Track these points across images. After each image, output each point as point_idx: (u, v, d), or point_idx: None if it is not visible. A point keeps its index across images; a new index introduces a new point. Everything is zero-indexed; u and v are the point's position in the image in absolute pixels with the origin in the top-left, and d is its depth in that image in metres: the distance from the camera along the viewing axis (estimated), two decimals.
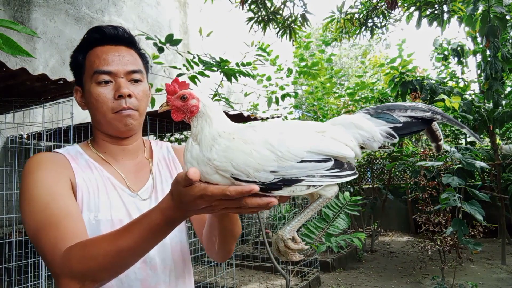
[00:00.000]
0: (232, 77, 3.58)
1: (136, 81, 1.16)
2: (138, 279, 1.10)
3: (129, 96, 1.12)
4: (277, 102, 5.95)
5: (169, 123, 3.70)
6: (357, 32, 6.23)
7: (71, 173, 1.11)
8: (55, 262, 0.93)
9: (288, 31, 5.33)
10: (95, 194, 1.11)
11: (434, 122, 0.86)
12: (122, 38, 1.18)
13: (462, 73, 8.51)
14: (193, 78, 3.70)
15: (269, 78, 6.18)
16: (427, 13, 5.17)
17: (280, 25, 5.33)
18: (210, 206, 0.80)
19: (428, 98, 6.10)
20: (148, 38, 3.35)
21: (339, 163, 0.80)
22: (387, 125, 0.84)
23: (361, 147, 0.85)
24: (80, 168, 1.13)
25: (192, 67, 3.62)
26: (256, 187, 0.74)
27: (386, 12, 5.80)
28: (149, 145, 1.34)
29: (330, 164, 0.78)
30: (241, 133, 0.81)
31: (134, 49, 1.20)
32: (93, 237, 0.96)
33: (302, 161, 0.76)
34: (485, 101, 5.70)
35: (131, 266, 0.94)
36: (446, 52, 8.04)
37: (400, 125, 0.84)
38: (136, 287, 1.09)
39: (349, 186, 7.92)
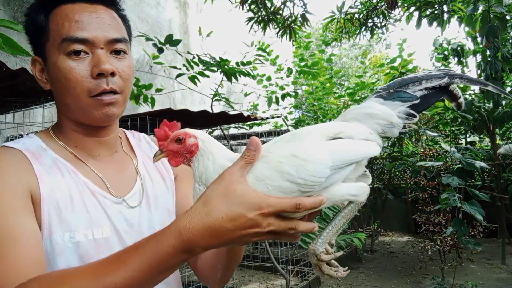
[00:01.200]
0: (232, 77, 3.58)
1: (119, 53, 0.88)
2: None
3: (112, 74, 0.84)
4: (277, 102, 5.95)
5: None
6: (357, 32, 6.23)
7: (32, 180, 0.80)
8: None
9: (288, 31, 5.33)
10: (67, 207, 0.82)
11: (456, 89, 0.79)
12: None
13: (462, 73, 8.51)
14: (193, 78, 3.70)
15: (269, 78, 6.19)
16: (427, 13, 5.17)
17: (280, 25, 5.33)
18: (260, 227, 0.63)
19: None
20: (147, 39, 3.35)
21: None
22: (404, 105, 0.76)
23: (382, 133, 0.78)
24: (45, 171, 0.83)
25: (192, 67, 3.62)
26: (325, 198, 0.67)
27: (386, 12, 5.80)
28: (125, 137, 1.06)
29: (355, 164, 0.72)
30: (251, 169, 0.70)
31: (114, 10, 0.91)
32: (66, 269, 0.71)
33: (328, 177, 0.68)
34: (485, 101, 5.70)
35: None
36: (446, 52, 8.03)
37: (418, 101, 0.76)
38: None
39: None
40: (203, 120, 3.97)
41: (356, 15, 6.05)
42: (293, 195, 0.66)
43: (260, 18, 5.19)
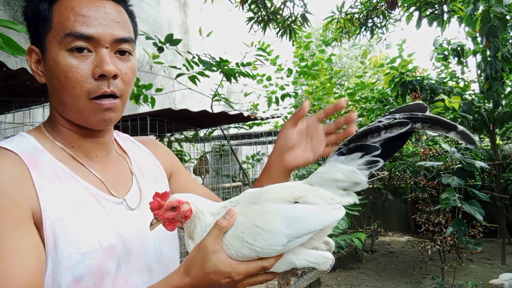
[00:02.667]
0: (232, 77, 3.58)
1: (124, 53, 0.82)
2: None
3: (114, 76, 0.79)
4: (277, 102, 5.95)
5: (169, 123, 3.70)
6: (357, 32, 6.22)
7: (31, 195, 0.73)
8: None
9: (288, 31, 5.33)
10: (70, 218, 0.77)
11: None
12: None
13: (462, 73, 8.51)
14: (193, 78, 3.70)
15: (269, 78, 6.19)
16: (427, 13, 5.17)
17: (280, 25, 5.32)
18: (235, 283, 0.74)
19: (428, 98, 6.10)
20: (148, 38, 3.36)
21: None
22: (364, 156, 0.76)
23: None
24: (45, 180, 0.76)
25: (192, 67, 3.62)
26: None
27: (386, 12, 5.80)
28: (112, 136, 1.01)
29: (311, 235, 0.76)
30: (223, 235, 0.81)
31: (123, 5, 0.85)
32: None
33: (284, 245, 0.74)
34: (485, 101, 5.70)
35: None
36: (446, 52, 8.03)
37: (379, 151, 0.75)
38: None
39: None
40: (203, 120, 3.97)
41: (356, 15, 6.05)
42: (254, 258, 0.75)
43: (260, 18, 5.19)
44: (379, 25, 6.01)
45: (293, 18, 5.25)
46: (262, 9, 5.11)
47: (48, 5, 0.78)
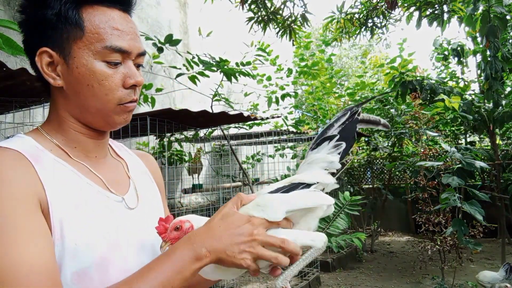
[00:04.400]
0: (232, 77, 3.58)
1: (139, 66, 0.89)
2: None
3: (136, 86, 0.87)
4: (277, 102, 5.95)
5: (169, 123, 3.70)
6: (357, 32, 6.23)
7: (38, 186, 0.75)
8: None
9: (288, 31, 5.33)
10: (77, 210, 0.80)
11: (361, 115, 0.95)
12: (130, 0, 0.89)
13: (462, 73, 8.52)
14: (193, 78, 3.70)
15: (269, 78, 6.19)
16: (427, 13, 5.17)
17: (280, 25, 5.33)
18: (248, 234, 0.77)
19: (428, 98, 6.10)
20: (147, 38, 3.35)
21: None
22: (329, 143, 0.93)
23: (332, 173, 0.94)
24: (49, 174, 0.79)
25: (192, 67, 3.62)
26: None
27: (386, 12, 5.80)
28: None
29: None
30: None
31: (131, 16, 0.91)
32: None
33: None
34: (485, 101, 5.70)
35: None
36: (446, 52, 8.03)
37: (338, 135, 0.93)
38: None
39: (349, 186, 7.92)
40: (203, 120, 3.97)
41: (356, 15, 6.05)
42: None
43: (260, 18, 5.19)
44: (379, 25, 6.01)
45: (293, 18, 5.25)
46: (262, 9, 5.11)
47: (77, 12, 0.80)
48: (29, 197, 0.72)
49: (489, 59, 4.93)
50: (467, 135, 7.92)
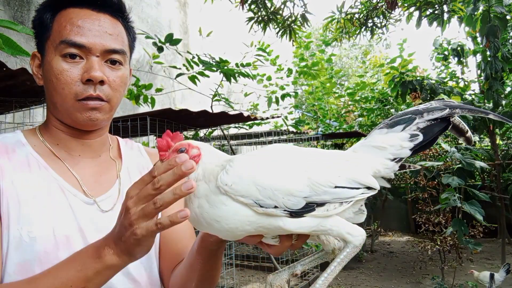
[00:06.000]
0: (232, 77, 3.58)
1: (114, 63, 0.89)
2: None
3: (101, 82, 0.86)
4: (277, 102, 5.95)
5: (169, 123, 3.70)
6: (357, 32, 6.23)
7: None
8: None
9: (288, 31, 5.33)
10: (28, 203, 0.82)
11: (455, 116, 0.79)
12: (107, 3, 0.90)
13: (462, 73, 8.52)
14: (193, 78, 3.70)
15: (269, 78, 6.19)
16: (427, 13, 5.17)
17: (280, 25, 5.32)
18: (128, 211, 0.65)
19: (428, 98, 6.10)
20: (147, 37, 3.36)
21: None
22: (406, 128, 0.78)
23: (394, 159, 0.78)
24: (11, 166, 0.85)
25: (192, 67, 3.62)
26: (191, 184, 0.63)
27: (386, 12, 5.80)
28: (116, 144, 1.06)
29: (361, 191, 0.73)
30: (264, 153, 0.73)
31: (121, 21, 0.93)
32: (10, 283, 0.73)
33: (336, 187, 0.70)
34: (485, 101, 5.70)
35: None
36: (446, 52, 8.03)
37: (420, 126, 0.78)
38: None
39: None
40: (203, 120, 3.97)
41: (356, 15, 6.05)
42: (302, 192, 0.68)
43: (260, 18, 5.19)
44: (379, 25, 6.01)
45: (293, 18, 5.25)
46: (262, 9, 5.11)
47: (51, 15, 0.88)
48: None
49: (489, 59, 4.93)
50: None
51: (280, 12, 5.22)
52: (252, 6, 5.08)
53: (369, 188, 0.74)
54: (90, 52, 0.85)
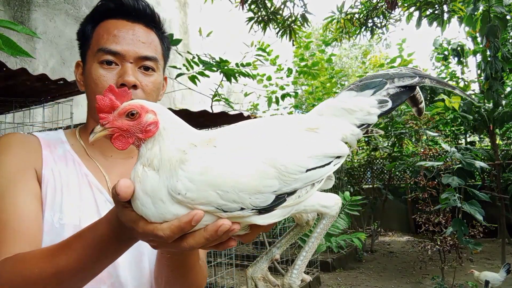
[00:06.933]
0: (232, 77, 3.58)
1: (147, 69, 0.95)
2: None
3: (135, 86, 0.91)
4: (277, 102, 5.95)
5: None
6: (357, 32, 6.23)
7: (38, 161, 0.92)
8: None
9: (288, 31, 5.33)
10: (63, 192, 0.90)
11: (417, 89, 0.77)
12: (142, 14, 0.97)
13: (462, 73, 8.52)
14: (193, 78, 3.70)
15: (269, 78, 6.19)
16: (427, 13, 5.17)
17: (280, 25, 5.32)
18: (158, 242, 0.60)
19: (428, 98, 6.10)
20: None
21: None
22: (377, 93, 0.74)
23: (361, 125, 0.74)
24: (52, 158, 0.94)
25: (192, 67, 3.63)
26: (226, 223, 0.56)
27: (386, 12, 5.80)
28: None
29: (333, 164, 0.66)
30: (215, 142, 0.59)
31: (155, 31, 1.00)
32: (32, 251, 0.77)
33: (308, 170, 0.62)
34: (485, 101, 5.70)
35: None
36: (446, 52, 8.04)
37: (390, 91, 0.74)
38: None
39: (349, 186, 7.93)
40: (203, 120, 3.97)
41: (356, 15, 6.05)
42: (271, 187, 0.59)
43: (260, 18, 5.19)
44: (379, 25, 6.01)
45: (293, 18, 5.25)
46: (262, 9, 5.11)
47: (91, 27, 0.97)
48: (27, 166, 0.90)
49: (489, 59, 4.93)
50: (467, 135, 7.92)
51: (280, 12, 5.22)
52: (252, 6, 5.08)
53: (338, 157, 0.68)
54: (124, 58, 0.92)
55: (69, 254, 0.70)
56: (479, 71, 7.34)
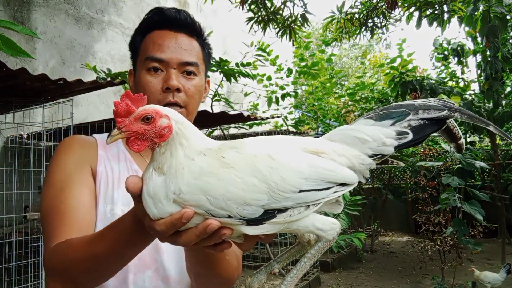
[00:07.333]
0: (232, 77, 3.58)
1: (189, 74, 1.06)
2: None
3: (178, 90, 1.02)
4: (277, 102, 5.95)
5: None
6: (357, 32, 6.23)
7: (93, 159, 1.05)
8: (45, 254, 0.88)
9: (288, 31, 5.33)
10: (114, 186, 1.02)
11: (451, 122, 0.72)
12: (183, 24, 1.08)
13: (462, 73, 8.52)
14: None
15: (269, 78, 6.19)
16: (427, 13, 5.17)
17: (280, 25, 5.32)
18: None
19: (428, 98, 6.10)
20: None
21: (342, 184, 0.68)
22: (395, 123, 0.71)
23: (374, 155, 0.72)
24: (106, 157, 1.07)
25: None
26: (214, 223, 0.60)
27: (386, 12, 5.80)
28: None
29: (333, 191, 0.66)
30: (219, 153, 0.63)
31: (196, 38, 1.11)
32: (78, 237, 0.87)
33: (300, 191, 0.62)
34: (485, 101, 5.69)
35: (115, 273, 0.85)
36: (446, 52, 8.03)
37: (411, 123, 0.71)
38: None
39: None
40: (203, 120, 3.97)
41: (356, 15, 6.05)
42: (259, 201, 0.61)
43: (260, 18, 5.19)
44: (379, 25, 6.01)
45: (293, 18, 5.25)
46: (262, 9, 5.11)
47: (140, 38, 1.09)
48: (84, 163, 1.03)
49: (489, 59, 4.93)
50: (467, 135, 7.92)
51: (280, 12, 5.22)
52: (252, 6, 5.08)
53: (343, 184, 0.67)
54: (168, 65, 1.03)
55: (102, 242, 0.79)
56: (479, 71, 7.33)
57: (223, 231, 0.61)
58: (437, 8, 5.05)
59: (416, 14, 5.28)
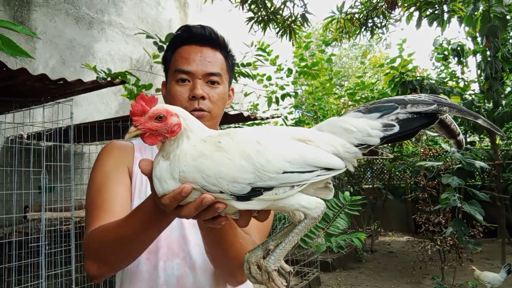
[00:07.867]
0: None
1: (213, 83, 1.18)
2: (174, 275, 1.10)
3: (203, 97, 1.14)
4: (277, 102, 5.95)
5: None
6: (357, 32, 6.23)
7: (130, 160, 1.20)
8: (84, 239, 1.03)
9: (288, 31, 5.33)
10: (147, 184, 1.04)
11: (446, 115, 0.74)
12: (208, 39, 1.20)
13: (462, 73, 8.52)
14: None
15: (269, 78, 6.19)
16: (427, 13, 5.17)
17: (280, 25, 5.32)
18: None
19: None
20: (148, 36, 3.36)
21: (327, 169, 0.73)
22: (383, 116, 0.74)
23: (360, 145, 0.75)
24: (142, 158, 1.09)
25: None
26: (208, 197, 0.70)
27: (386, 12, 5.80)
28: None
29: (316, 174, 0.72)
30: (215, 139, 0.74)
31: (220, 50, 1.22)
32: (108, 223, 1.00)
33: (284, 173, 0.70)
34: (485, 101, 5.70)
35: (139, 255, 0.98)
36: (446, 52, 8.04)
37: (397, 109, 0.74)
38: (171, 283, 1.09)
39: (349, 186, 7.92)
40: None
41: (356, 15, 6.05)
42: (246, 179, 0.70)
43: (260, 18, 5.19)
44: (379, 25, 6.01)
45: (293, 18, 5.25)
46: (262, 9, 5.11)
47: (170, 53, 1.23)
48: (121, 165, 1.17)
49: (489, 59, 4.94)
50: (467, 135, 7.92)
51: (280, 12, 5.22)
52: (252, 6, 5.08)
53: (328, 169, 0.72)
54: (195, 76, 1.16)
55: (127, 224, 0.90)
56: (479, 71, 7.34)
57: (217, 205, 0.72)
58: (437, 8, 5.05)
59: (416, 14, 5.28)
